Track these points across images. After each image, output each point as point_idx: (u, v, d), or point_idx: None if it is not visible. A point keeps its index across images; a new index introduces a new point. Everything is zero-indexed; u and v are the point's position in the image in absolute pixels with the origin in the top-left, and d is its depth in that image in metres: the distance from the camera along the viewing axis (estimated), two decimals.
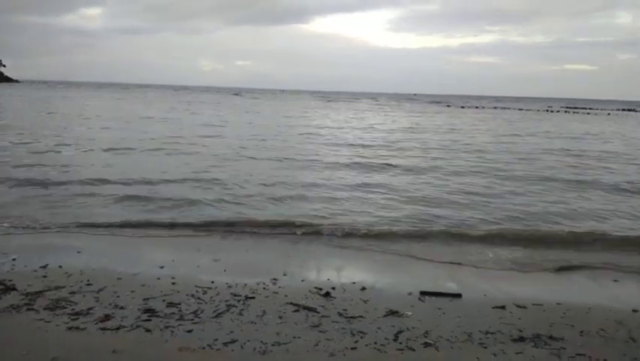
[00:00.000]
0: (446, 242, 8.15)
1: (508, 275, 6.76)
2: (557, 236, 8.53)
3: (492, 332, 4.71)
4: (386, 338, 4.49)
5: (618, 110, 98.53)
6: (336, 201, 10.69)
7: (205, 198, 10.49)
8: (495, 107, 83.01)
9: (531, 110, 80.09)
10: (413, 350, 4.30)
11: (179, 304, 5.10)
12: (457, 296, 5.68)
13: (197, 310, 4.97)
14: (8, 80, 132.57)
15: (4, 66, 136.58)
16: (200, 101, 67.77)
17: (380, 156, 18.01)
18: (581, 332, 4.81)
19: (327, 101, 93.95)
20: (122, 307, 4.95)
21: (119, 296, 5.23)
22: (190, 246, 7.50)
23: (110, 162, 14.77)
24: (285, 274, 6.23)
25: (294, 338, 4.45)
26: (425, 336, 4.57)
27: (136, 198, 10.25)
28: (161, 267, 6.32)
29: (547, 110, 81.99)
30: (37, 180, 11.54)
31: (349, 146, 21.13)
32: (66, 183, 11.33)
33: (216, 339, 4.35)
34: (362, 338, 4.50)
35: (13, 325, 4.51)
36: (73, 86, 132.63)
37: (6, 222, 8.13)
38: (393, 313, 5.08)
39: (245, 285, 5.73)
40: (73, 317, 4.69)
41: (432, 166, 16.00)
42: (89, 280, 5.64)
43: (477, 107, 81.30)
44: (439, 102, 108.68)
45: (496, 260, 7.33)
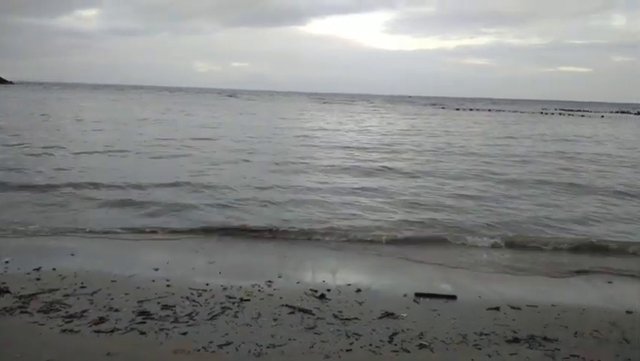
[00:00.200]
0: (441, 245, 8.19)
1: (502, 277, 6.79)
2: (552, 240, 8.56)
3: (486, 334, 4.73)
4: (381, 340, 4.50)
5: (612, 112, 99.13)
6: (330, 205, 10.68)
7: (198, 202, 10.45)
8: (490, 110, 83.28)
9: (526, 112, 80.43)
10: (408, 352, 4.30)
11: (174, 306, 5.09)
12: (452, 298, 5.70)
13: (192, 312, 4.96)
14: (2, 81, 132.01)
15: None
16: (196, 103, 67.66)
17: (375, 159, 18.04)
18: (575, 333, 4.83)
19: (322, 102, 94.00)
20: (116, 310, 4.93)
21: (113, 299, 5.21)
22: (185, 248, 7.49)
23: (102, 165, 14.71)
24: (280, 277, 6.23)
25: (289, 340, 4.45)
26: (420, 338, 4.58)
27: (129, 201, 10.21)
28: (156, 269, 6.31)
29: (542, 113, 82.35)
30: (28, 183, 11.47)
31: (344, 148, 21.13)
32: (59, 187, 11.24)
33: (211, 341, 4.34)
34: (357, 339, 4.50)
35: (6, 328, 4.48)
36: (68, 88, 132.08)
37: None
38: (389, 314, 5.09)
39: (240, 287, 5.72)
40: (67, 319, 4.66)
41: (427, 169, 16.03)
42: (82, 283, 5.62)
43: (472, 110, 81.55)
44: (434, 104, 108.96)
45: (490, 262, 7.37)
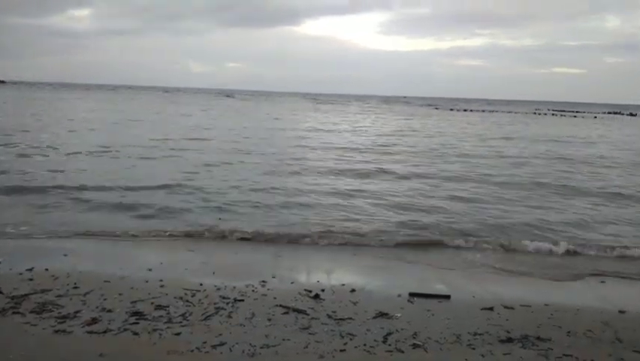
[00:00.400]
0: (434, 246, 8.23)
1: (496, 278, 6.81)
2: (545, 241, 8.57)
3: (480, 333, 4.74)
4: (375, 340, 4.50)
5: (604, 113, 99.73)
6: (324, 207, 10.65)
7: (192, 203, 10.39)
8: (483, 110, 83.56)
9: (519, 113, 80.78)
10: (402, 352, 4.31)
11: (168, 306, 5.07)
12: (446, 298, 5.71)
13: (185, 312, 4.94)
14: None
15: None
16: (190, 103, 67.44)
17: (369, 161, 18.02)
18: (568, 332, 4.86)
19: (317, 103, 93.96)
20: (109, 311, 4.90)
21: (106, 299, 5.18)
22: (178, 249, 7.47)
23: (94, 166, 14.57)
24: (274, 277, 6.23)
25: (284, 340, 4.44)
26: (414, 338, 4.58)
27: (122, 203, 10.14)
28: (150, 270, 6.28)
29: (536, 113, 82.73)
30: (19, 185, 11.30)
31: (338, 149, 21.11)
32: (50, 188, 11.07)
33: (205, 342, 4.32)
34: (351, 339, 4.50)
35: None
36: (61, 88, 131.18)
37: None
38: (383, 315, 5.09)
39: (234, 287, 5.70)
40: (59, 320, 4.63)
41: (421, 171, 16.05)
42: (75, 283, 5.58)
43: (466, 110, 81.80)
44: (429, 105, 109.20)
45: (484, 264, 7.40)
